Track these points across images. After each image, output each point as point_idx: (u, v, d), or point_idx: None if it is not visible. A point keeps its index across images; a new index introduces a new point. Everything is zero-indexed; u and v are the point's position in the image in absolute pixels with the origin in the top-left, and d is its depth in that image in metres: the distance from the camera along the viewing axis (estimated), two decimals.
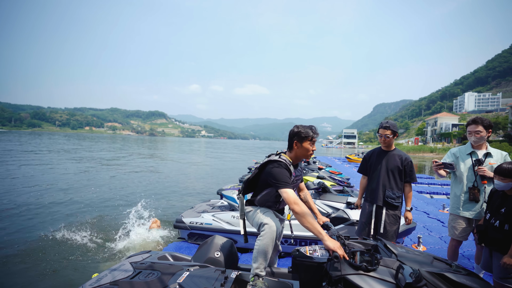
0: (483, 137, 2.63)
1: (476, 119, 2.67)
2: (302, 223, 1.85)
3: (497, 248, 2.21)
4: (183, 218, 4.10)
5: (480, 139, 2.64)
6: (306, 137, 2.16)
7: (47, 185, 9.27)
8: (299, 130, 2.19)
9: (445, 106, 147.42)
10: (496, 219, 2.22)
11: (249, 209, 2.29)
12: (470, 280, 1.33)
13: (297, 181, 2.30)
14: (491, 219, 2.28)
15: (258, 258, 2.02)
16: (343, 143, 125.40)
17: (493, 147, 2.73)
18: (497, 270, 2.21)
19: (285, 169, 2.09)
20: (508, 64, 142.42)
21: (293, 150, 2.22)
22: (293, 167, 2.23)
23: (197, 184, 10.89)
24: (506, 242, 2.13)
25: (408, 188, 2.84)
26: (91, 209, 6.73)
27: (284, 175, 2.05)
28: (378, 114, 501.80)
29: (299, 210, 1.87)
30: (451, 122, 65.90)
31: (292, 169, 2.17)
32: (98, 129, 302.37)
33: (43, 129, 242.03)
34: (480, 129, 2.62)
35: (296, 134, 2.18)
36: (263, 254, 2.01)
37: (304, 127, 2.21)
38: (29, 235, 5.01)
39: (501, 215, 2.18)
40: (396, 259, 1.51)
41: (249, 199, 2.36)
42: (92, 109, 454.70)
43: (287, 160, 2.18)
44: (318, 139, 2.40)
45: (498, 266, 2.19)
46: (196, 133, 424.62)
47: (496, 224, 2.21)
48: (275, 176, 2.04)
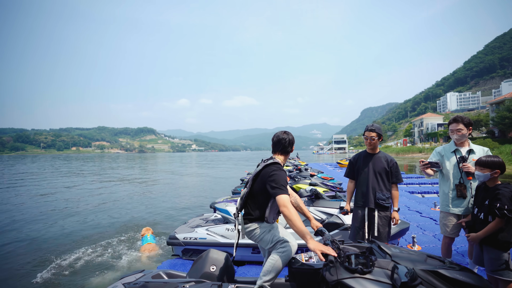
0: (464, 134, 2.70)
1: (457, 117, 2.76)
2: (291, 225, 1.90)
3: (486, 241, 2.24)
4: (177, 234, 4.01)
5: (461, 137, 2.72)
6: (293, 143, 2.35)
7: (36, 205, 8.93)
8: (292, 138, 2.36)
9: (429, 107, 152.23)
10: (481, 212, 2.28)
11: (254, 226, 2.19)
12: (464, 275, 1.35)
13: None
14: (477, 213, 2.33)
15: (272, 272, 2.01)
16: (334, 148, 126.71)
17: (476, 144, 2.82)
18: (488, 263, 2.25)
19: (284, 172, 2.15)
20: (484, 64, 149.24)
21: (287, 154, 2.34)
22: None
23: (189, 199, 10.71)
24: (493, 233, 2.17)
25: (395, 189, 2.89)
26: (79, 229, 6.51)
27: (284, 178, 2.09)
28: (366, 118, 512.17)
29: (288, 213, 1.91)
30: (436, 122, 67.80)
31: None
32: (86, 149, 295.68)
33: (27, 152, 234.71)
34: (461, 127, 2.70)
35: (292, 142, 2.34)
36: (277, 270, 2.01)
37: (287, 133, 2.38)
38: (22, 255, 4.83)
39: (485, 207, 2.24)
40: (391, 259, 1.52)
41: (249, 217, 2.22)
42: (78, 129, 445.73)
43: (280, 162, 2.25)
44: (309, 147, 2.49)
45: (489, 259, 2.23)
46: (187, 147, 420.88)
47: (481, 216, 2.27)
48: (276, 179, 2.05)
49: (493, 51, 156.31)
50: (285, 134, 2.33)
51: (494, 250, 2.20)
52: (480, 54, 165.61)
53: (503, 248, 2.17)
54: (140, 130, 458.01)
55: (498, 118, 34.51)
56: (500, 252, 2.19)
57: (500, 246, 2.17)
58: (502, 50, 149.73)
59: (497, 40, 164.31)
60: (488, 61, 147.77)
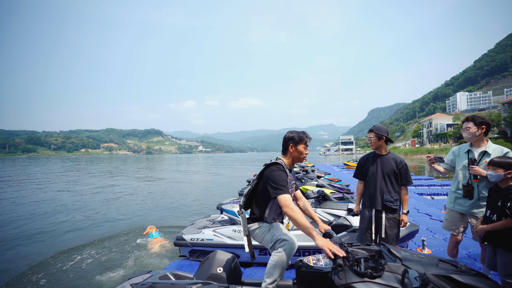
0: (473, 133, 2.67)
1: (468, 116, 2.75)
2: (295, 225, 1.91)
3: (499, 244, 2.19)
4: (184, 235, 4.02)
5: (470, 135, 2.69)
6: (301, 141, 2.28)
7: (48, 207, 9.11)
8: (293, 135, 2.31)
9: (438, 107, 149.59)
10: (493, 214, 2.24)
11: (255, 226, 2.26)
12: (477, 280, 1.30)
13: (292, 185, 2.32)
14: (490, 215, 2.28)
15: (274, 273, 2.01)
16: (341, 150, 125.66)
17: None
18: (502, 268, 2.18)
19: (283, 172, 2.15)
20: (495, 62, 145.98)
21: (288, 153, 2.31)
22: (289, 170, 2.28)
23: (196, 200, 10.76)
24: (506, 235, 2.12)
25: (404, 191, 2.84)
26: (88, 230, 6.60)
27: (283, 178, 2.10)
28: (374, 119, 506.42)
29: (290, 212, 1.92)
30: (446, 122, 66.66)
31: (288, 172, 2.22)
32: (94, 151, 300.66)
33: (38, 154, 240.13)
34: (469, 126, 2.67)
35: (291, 139, 2.29)
36: (280, 270, 2.01)
37: (297, 132, 2.34)
38: (29, 257, 4.91)
39: (497, 209, 2.20)
40: (401, 263, 1.48)
41: (252, 216, 2.30)
42: (87, 131, 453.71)
43: (283, 163, 2.26)
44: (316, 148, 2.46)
45: (503, 263, 2.17)
46: (193, 149, 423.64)
47: (494, 218, 2.22)
48: (275, 179, 2.08)
49: (505, 49, 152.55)
50: (287, 133, 2.38)
51: (508, 253, 2.14)
52: (491, 52, 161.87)
53: None
54: (148, 132, 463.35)
55: (510, 118, 33.70)
56: None
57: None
58: None
59: (509, 38, 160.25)
60: (500, 59, 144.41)
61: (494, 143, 2.77)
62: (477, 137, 2.70)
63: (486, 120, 2.68)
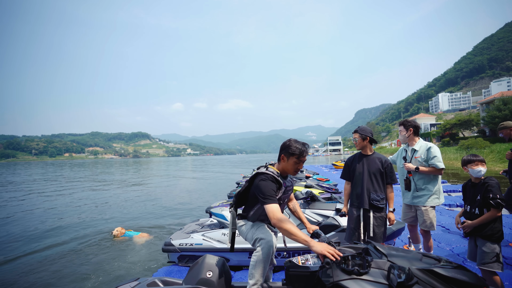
0: (404, 135, 3.30)
1: (399, 122, 3.37)
2: (289, 237, 1.84)
3: (480, 234, 2.33)
4: (172, 241, 3.96)
5: (403, 137, 3.33)
6: (293, 154, 2.10)
7: (26, 212, 8.73)
8: (289, 144, 2.14)
9: (422, 107, 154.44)
10: (474, 208, 2.38)
11: (241, 223, 2.29)
12: (459, 272, 1.35)
13: (288, 191, 2.28)
14: (471, 209, 2.42)
15: (255, 274, 1.99)
16: (329, 150, 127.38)
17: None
18: (480, 257, 2.33)
19: (272, 182, 2.07)
20: (473, 65, 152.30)
21: (280, 163, 2.21)
22: (283, 178, 2.21)
23: (184, 204, 10.62)
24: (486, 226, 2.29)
25: (390, 190, 2.91)
26: (70, 236, 6.37)
27: (270, 188, 2.02)
28: (360, 120, 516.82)
29: (283, 226, 1.85)
30: (429, 122, 68.75)
31: (281, 180, 2.13)
32: (79, 155, 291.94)
33: (18, 159, 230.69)
34: (401, 129, 3.34)
35: (285, 148, 2.15)
36: (260, 270, 1.98)
37: (297, 142, 2.15)
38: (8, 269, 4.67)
39: (477, 202, 2.35)
40: (387, 259, 1.52)
41: (241, 213, 2.35)
42: (71, 135, 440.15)
43: (274, 172, 2.15)
44: None
45: (482, 253, 2.32)
46: (182, 151, 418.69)
47: (476, 212, 2.36)
48: (261, 189, 2.02)
49: (481, 52, 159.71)
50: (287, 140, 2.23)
51: (488, 242, 2.29)
52: (470, 55, 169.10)
53: (496, 240, 2.28)
54: (135, 135, 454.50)
55: (488, 117, 35.16)
56: (493, 245, 2.28)
57: (493, 238, 2.27)
58: (490, 51, 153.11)
59: (485, 41, 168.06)
60: (477, 61, 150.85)
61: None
62: (408, 138, 3.28)
63: (413, 123, 3.26)
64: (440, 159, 3.05)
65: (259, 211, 2.23)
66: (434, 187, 3.10)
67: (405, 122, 3.25)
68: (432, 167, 3.06)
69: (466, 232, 2.41)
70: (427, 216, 3.11)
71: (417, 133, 3.26)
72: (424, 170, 3.07)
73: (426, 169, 3.07)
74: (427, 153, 3.10)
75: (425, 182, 3.12)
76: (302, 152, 2.10)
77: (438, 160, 3.03)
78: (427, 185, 3.11)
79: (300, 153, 2.09)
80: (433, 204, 3.10)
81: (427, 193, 3.10)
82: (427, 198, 3.11)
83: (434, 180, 3.12)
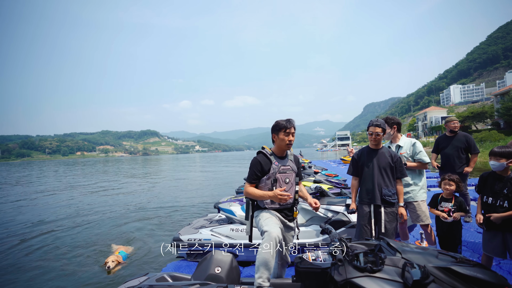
0: (388, 133, 3.28)
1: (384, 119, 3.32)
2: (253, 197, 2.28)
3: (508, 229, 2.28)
4: (181, 236, 3.98)
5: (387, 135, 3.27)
6: (280, 129, 2.32)
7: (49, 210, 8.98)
8: (275, 123, 2.38)
9: (432, 100, 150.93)
10: (498, 201, 2.33)
11: (255, 214, 2.36)
12: (477, 271, 1.29)
13: (285, 171, 2.34)
14: (495, 202, 2.35)
15: (260, 268, 1.96)
16: (337, 145, 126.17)
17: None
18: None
19: (260, 160, 2.31)
20: (487, 55, 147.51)
21: (274, 144, 2.42)
22: (280, 158, 2.37)
23: (193, 199, 10.70)
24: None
25: (399, 184, 2.83)
26: (84, 232, 6.51)
27: (254, 167, 2.31)
28: (369, 114, 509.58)
29: (246, 191, 2.29)
30: (440, 115, 67.16)
31: (273, 158, 2.33)
32: (90, 153, 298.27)
33: (32, 158, 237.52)
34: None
35: (273, 128, 2.39)
36: (264, 264, 1.95)
37: (280, 120, 2.37)
38: (28, 261, 4.82)
39: (505, 196, 2.30)
40: (401, 257, 1.46)
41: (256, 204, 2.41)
42: (82, 134, 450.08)
43: (267, 150, 2.38)
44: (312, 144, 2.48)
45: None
46: (190, 148, 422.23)
47: (505, 205, 2.30)
48: (250, 167, 2.33)
49: (496, 42, 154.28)
50: None
51: None
52: (483, 45, 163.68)
53: None
54: (144, 133, 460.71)
55: (503, 109, 33.96)
56: None
57: None
58: (506, 40, 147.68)
59: (500, 30, 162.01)
60: (492, 51, 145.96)
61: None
62: (392, 135, 3.32)
63: (397, 120, 3.31)
64: (425, 154, 3.16)
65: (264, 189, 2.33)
66: (421, 181, 3.20)
67: (388, 119, 3.30)
68: (418, 162, 3.16)
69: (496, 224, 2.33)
70: (420, 210, 3.16)
71: (400, 130, 3.35)
72: (412, 165, 3.16)
73: (413, 164, 3.16)
74: (413, 149, 3.21)
75: (413, 177, 3.21)
76: (286, 124, 2.31)
77: (424, 155, 3.14)
78: (415, 180, 3.20)
79: (285, 126, 2.30)
80: (423, 198, 3.18)
81: (416, 188, 3.18)
82: (416, 193, 3.18)
83: (420, 174, 3.22)
